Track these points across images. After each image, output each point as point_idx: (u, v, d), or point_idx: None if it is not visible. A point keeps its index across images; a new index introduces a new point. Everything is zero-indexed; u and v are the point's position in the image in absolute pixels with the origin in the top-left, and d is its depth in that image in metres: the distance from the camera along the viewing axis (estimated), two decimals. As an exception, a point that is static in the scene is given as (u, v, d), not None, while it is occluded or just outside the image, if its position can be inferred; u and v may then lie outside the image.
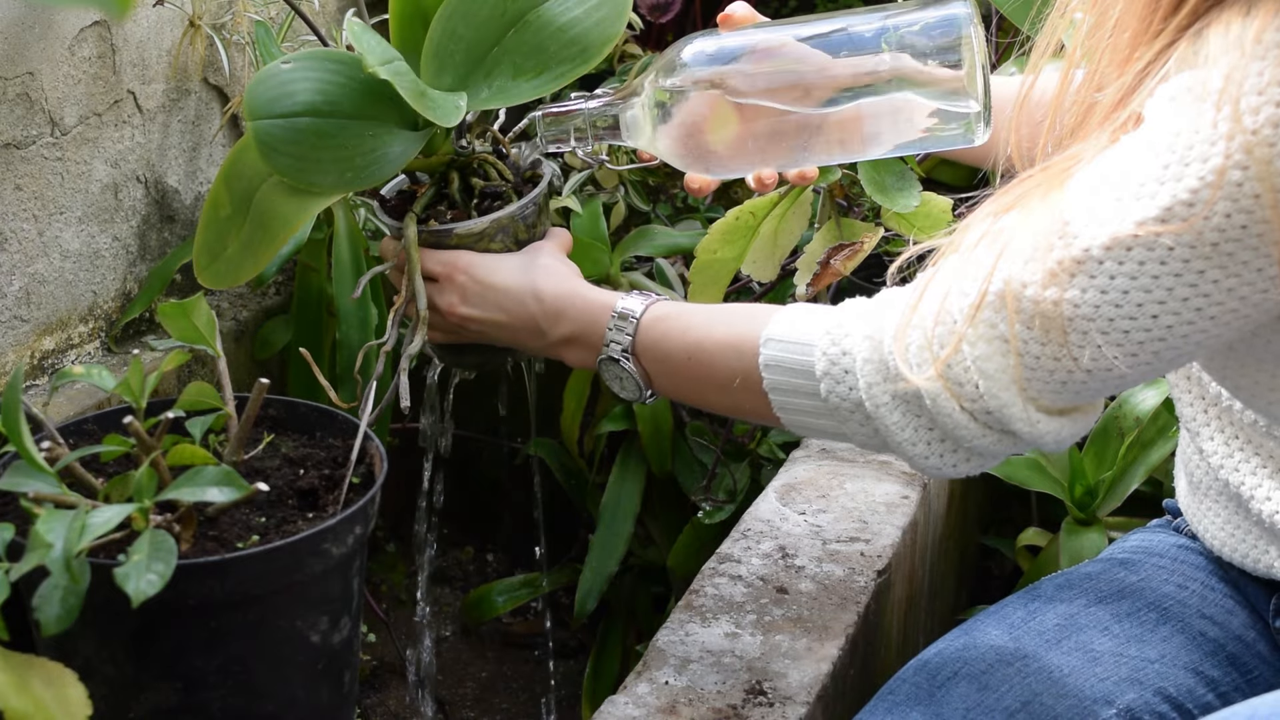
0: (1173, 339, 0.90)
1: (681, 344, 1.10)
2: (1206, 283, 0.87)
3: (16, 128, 1.31)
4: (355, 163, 1.16)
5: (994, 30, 1.77)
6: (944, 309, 0.93)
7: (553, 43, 1.22)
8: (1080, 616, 1.11)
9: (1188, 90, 0.86)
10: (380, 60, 1.11)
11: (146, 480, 0.90)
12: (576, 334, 1.15)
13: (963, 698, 1.03)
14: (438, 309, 1.19)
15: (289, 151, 1.14)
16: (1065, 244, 0.89)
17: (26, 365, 1.36)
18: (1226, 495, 1.11)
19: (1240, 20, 0.85)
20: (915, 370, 0.94)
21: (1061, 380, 0.92)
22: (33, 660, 0.87)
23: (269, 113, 1.14)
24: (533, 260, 1.19)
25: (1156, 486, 1.55)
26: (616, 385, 1.14)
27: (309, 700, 1.01)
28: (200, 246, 1.18)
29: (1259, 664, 1.12)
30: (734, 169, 1.18)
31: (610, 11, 1.23)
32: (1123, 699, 1.05)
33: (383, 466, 1.06)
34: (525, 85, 1.21)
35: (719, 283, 1.44)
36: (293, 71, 1.15)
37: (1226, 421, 1.09)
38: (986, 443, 0.96)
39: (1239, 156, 0.84)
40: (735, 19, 1.19)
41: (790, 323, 1.03)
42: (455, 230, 1.20)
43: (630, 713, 1.09)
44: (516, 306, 1.18)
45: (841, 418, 1.00)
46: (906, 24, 1.11)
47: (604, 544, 1.65)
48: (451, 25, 1.21)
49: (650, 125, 1.16)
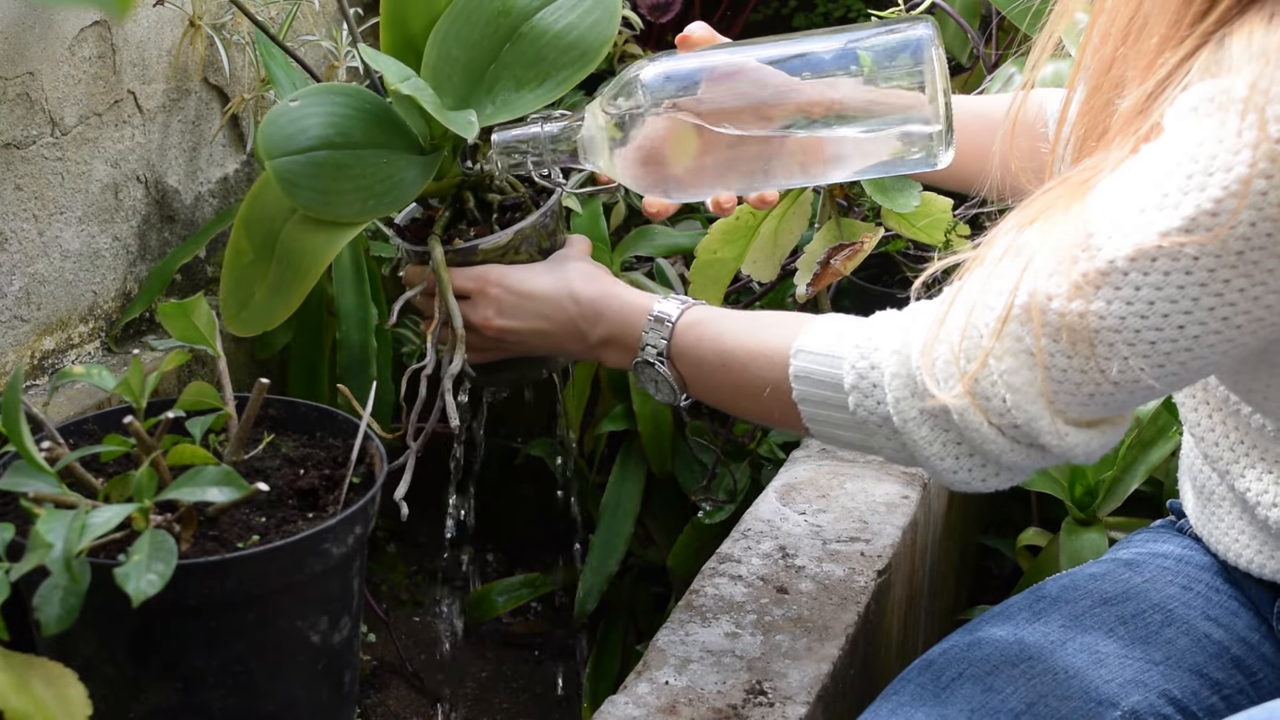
0: (1199, 348, 0.89)
1: (715, 350, 1.10)
2: (1232, 291, 0.87)
3: (17, 128, 1.31)
4: (375, 190, 1.18)
5: (994, 31, 1.77)
6: (970, 323, 0.93)
7: (551, 50, 1.23)
8: (1085, 618, 1.11)
9: (1210, 99, 0.86)
10: (400, 77, 1.13)
11: (146, 480, 0.90)
12: (614, 335, 1.16)
13: (967, 699, 1.03)
14: (474, 325, 1.20)
15: (311, 185, 1.16)
16: (1089, 256, 0.88)
17: (26, 365, 1.36)
18: (1231, 500, 1.11)
19: (1264, 28, 0.84)
20: (943, 385, 0.95)
21: (1089, 393, 0.92)
22: (33, 660, 0.87)
23: (286, 150, 1.15)
24: (563, 264, 1.20)
25: (1156, 486, 1.55)
26: (652, 388, 1.15)
27: (309, 700, 1.01)
28: (226, 295, 1.20)
29: (1263, 666, 1.12)
30: (693, 192, 1.17)
31: (603, 13, 1.24)
32: (1127, 701, 1.05)
33: (383, 466, 1.06)
34: (530, 95, 1.22)
35: (719, 283, 1.44)
36: (302, 108, 1.17)
37: (1233, 426, 1.09)
38: (1016, 457, 0.96)
39: (1264, 165, 0.83)
40: (694, 40, 1.19)
41: (821, 334, 1.04)
42: (480, 245, 1.21)
43: (630, 713, 1.09)
44: (555, 311, 1.18)
45: (869, 431, 1.01)
46: (868, 47, 1.10)
47: (604, 544, 1.65)
48: (446, 48, 1.22)
49: (607, 148, 1.15)
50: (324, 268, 1.17)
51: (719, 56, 1.14)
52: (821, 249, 1.35)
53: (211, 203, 1.59)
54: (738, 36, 2.17)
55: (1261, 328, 0.89)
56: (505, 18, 1.23)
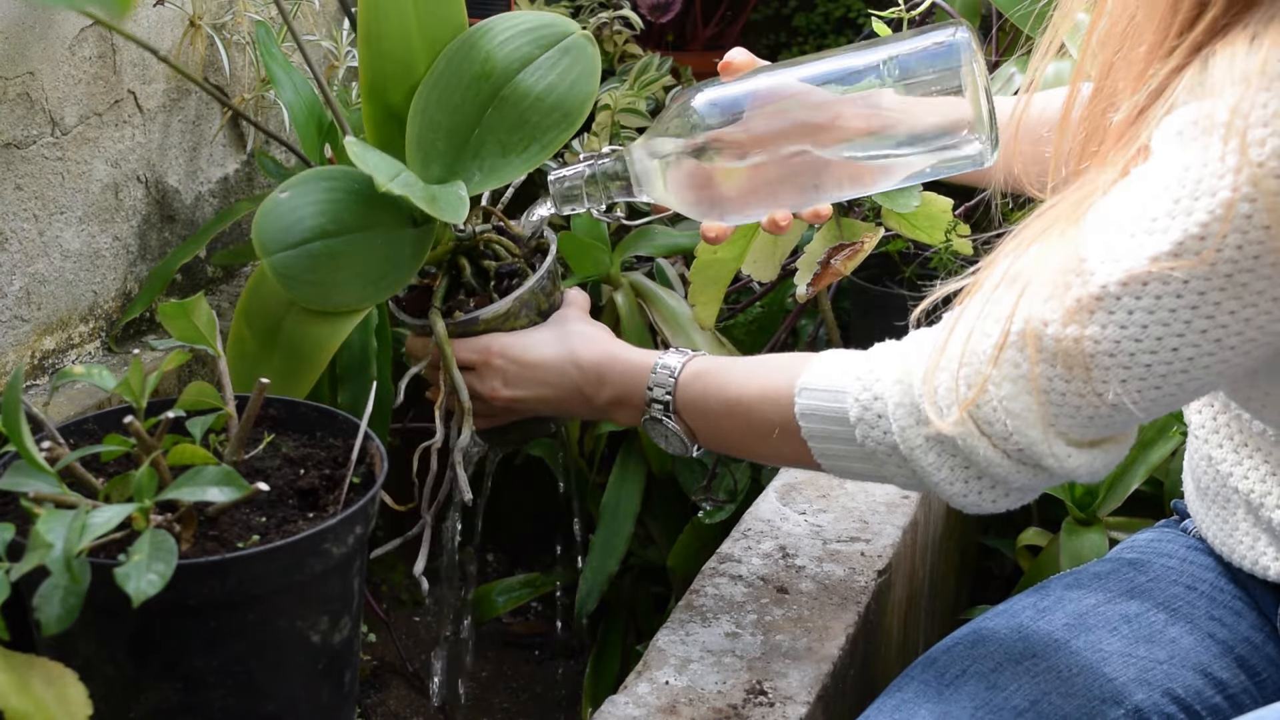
0: (1194, 370, 0.90)
1: (720, 398, 1.12)
2: (1223, 314, 0.88)
3: (17, 128, 1.31)
4: (373, 275, 1.19)
5: (994, 30, 1.77)
6: (968, 350, 0.94)
7: (533, 113, 1.24)
8: (1089, 616, 1.11)
9: (1194, 123, 0.86)
10: (389, 176, 1.13)
11: (147, 480, 0.90)
12: (620, 396, 1.18)
13: (971, 696, 1.04)
14: (481, 396, 1.22)
15: (309, 279, 1.17)
16: (1083, 281, 0.89)
17: (27, 365, 1.36)
18: (1236, 501, 1.11)
19: (1245, 49, 0.85)
20: (945, 412, 0.96)
21: (1089, 415, 0.93)
22: (33, 660, 0.87)
23: (282, 244, 1.16)
24: (564, 329, 1.22)
25: (1156, 486, 1.55)
26: (663, 442, 1.17)
27: (309, 700, 1.01)
28: (234, 380, 1.19)
29: (1267, 666, 1.12)
30: (748, 214, 1.19)
31: (582, 71, 1.25)
32: (1131, 699, 1.05)
33: (383, 466, 1.06)
34: (516, 160, 1.23)
35: (719, 283, 1.44)
36: (292, 199, 1.17)
37: (1236, 429, 1.09)
38: (1022, 479, 0.98)
39: (1246, 189, 0.84)
40: (735, 65, 1.20)
41: (823, 370, 1.05)
42: (481, 316, 1.22)
43: (630, 713, 1.09)
44: (559, 378, 1.20)
45: (879, 461, 1.02)
46: (906, 54, 1.11)
47: (604, 544, 1.65)
48: (429, 115, 1.22)
49: (660, 179, 1.17)
50: (330, 355, 1.19)
51: (763, 80, 1.16)
52: (821, 249, 1.35)
53: (212, 203, 1.59)
54: (738, 36, 2.18)
55: (1255, 348, 0.90)
56: (486, 81, 1.23)
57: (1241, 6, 0.86)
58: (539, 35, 1.26)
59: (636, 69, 1.74)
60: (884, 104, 1.11)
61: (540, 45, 1.26)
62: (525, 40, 1.25)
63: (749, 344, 1.77)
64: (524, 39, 1.25)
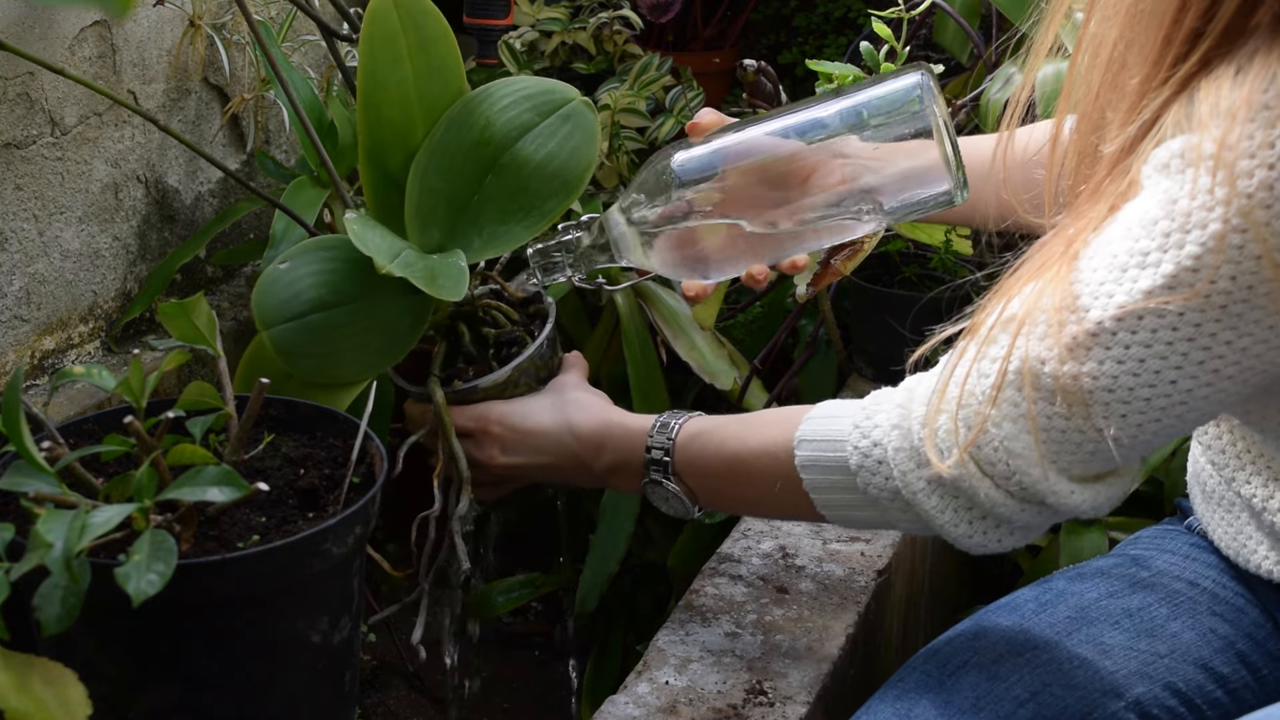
0: (1193, 401, 0.91)
1: (719, 457, 1.13)
2: (1219, 345, 0.88)
3: (17, 127, 1.31)
4: (372, 345, 1.19)
5: (994, 30, 1.77)
6: (967, 391, 0.95)
7: (534, 181, 1.23)
8: (1091, 610, 1.12)
9: (1181, 157, 0.86)
10: (389, 257, 1.13)
11: (147, 480, 0.90)
12: (618, 463, 1.19)
13: (972, 686, 1.04)
14: (479, 464, 1.23)
15: (309, 352, 1.17)
16: (1077, 319, 0.90)
17: (27, 365, 1.36)
18: (1240, 505, 1.12)
19: (1230, 83, 0.85)
20: (945, 455, 0.96)
21: (1090, 451, 0.93)
22: (33, 660, 0.87)
23: (281, 317, 1.16)
24: (562, 397, 1.23)
25: (1156, 486, 1.55)
26: (664, 506, 1.18)
27: (309, 700, 1.01)
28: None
29: (1269, 663, 1.12)
30: (728, 270, 1.20)
31: (582, 138, 1.25)
32: (1132, 692, 1.05)
33: (383, 466, 1.06)
34: (517, 228, 1.23)
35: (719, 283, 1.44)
36: (291, 270, 1.17)
37: (1239, 435, 1.10)
38: (1026, 517, 0.98)
39: (1236, 221, 0.84)
40: (703, 125, 1.21)
41: (820, 421, 1.06)
42: (480, 385, 1.22)
43: (630, 713, 1.09)
44: (556, 447, 1.21)
45: (882, 508, 1.02)
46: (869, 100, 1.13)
47: (604, 544, 1.65)
48: (428, 181, 1.21)
49: (639, 244, 1.18)
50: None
51: (732, 139, 1.17)
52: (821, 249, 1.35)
53: (211, 202, 1.59)
54: (738, 36, 2.18)
55: (1252, 376, 0.90)
56: (485, 148, 1.23)
57: (1232, 40, 0.87)
58: (539, 102, 1.26)
59: (636, 69, 1.74)
60: (851, 152, 1.13)
61: (540, 112, 1.26)
62: (525, 107, 1.25)
63: (749, 344, 1.77)
64: (524, 105, 1.25)
